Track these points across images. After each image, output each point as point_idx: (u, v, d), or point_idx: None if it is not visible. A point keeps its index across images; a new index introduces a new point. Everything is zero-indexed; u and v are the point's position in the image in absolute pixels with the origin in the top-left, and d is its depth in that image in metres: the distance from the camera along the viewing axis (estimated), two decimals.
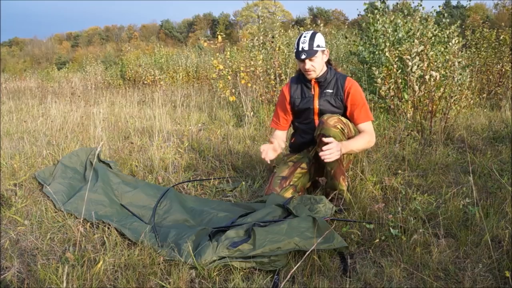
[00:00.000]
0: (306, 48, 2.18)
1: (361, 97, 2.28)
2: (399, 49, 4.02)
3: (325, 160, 1.97)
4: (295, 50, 2.24)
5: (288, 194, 2.22)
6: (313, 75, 2.28)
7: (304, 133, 2.38)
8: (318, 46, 2.21)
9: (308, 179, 2.35)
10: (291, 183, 2.26)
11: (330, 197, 2.15)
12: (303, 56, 2.19)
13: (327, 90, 2.32)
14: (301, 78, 2.37)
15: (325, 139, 1.99)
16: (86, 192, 2.11)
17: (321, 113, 2.31)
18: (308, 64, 2.22)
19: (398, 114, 3.93)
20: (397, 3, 4.66)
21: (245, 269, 1.57)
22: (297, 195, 2.23)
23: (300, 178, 2.31)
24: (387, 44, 4.12)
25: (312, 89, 2.34)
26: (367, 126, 2.27)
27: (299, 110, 2.39)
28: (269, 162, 2.32)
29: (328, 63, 2.37)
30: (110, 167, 2.69)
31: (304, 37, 2.22)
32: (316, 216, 1.79)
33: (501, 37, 5.76)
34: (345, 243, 1.67)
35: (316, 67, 2.24)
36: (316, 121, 2.34)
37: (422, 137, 3.47)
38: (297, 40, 2.26)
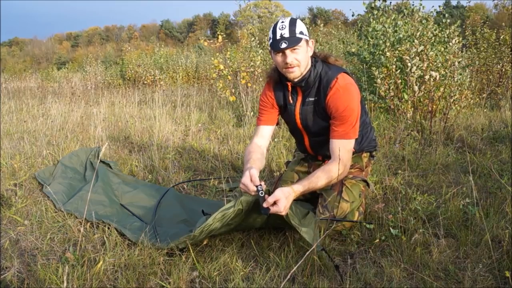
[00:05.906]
0: (287, 35, 1.65)
1: (346, 106, 1.72)
2: (399, 49, 4.02)
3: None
4: (271, 41, 1.70)
5: None
6: (296, 72, 1.73)
7: (300, 150, 2.09)
8: (301, 33, 1.68)
9: None
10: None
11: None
12: (283, 45, 1.64)
13: (309, 98, 1.81)
14: (281, 77, 1.86)
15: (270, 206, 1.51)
16: (89, 193, 2.11)
17: (308, 130, 1.89)
18: (291, 57, 1.68)
19: (398, 114, 3.93)
20: (396, 3, 4.67)
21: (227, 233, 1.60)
22: None
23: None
24: (387, 44, 4.13)
25: (294, 95, 1.86)
26: (340, 145, 1.72)
27: (286, 121, 2.01)
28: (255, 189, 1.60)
29: (314, 56, 1.82)
30: (110, 167, 2.69)
31: (282, 22, 1.68)
32: (315, 217, 1.79)
33: (501, 37, 5.76)
34: (312, 242, 1.50)
35: (301, 60, 1.71)
36: (307, 142, 1.95)
37: (422, 137, 3.47)
38: (272, 28, 1.71)
